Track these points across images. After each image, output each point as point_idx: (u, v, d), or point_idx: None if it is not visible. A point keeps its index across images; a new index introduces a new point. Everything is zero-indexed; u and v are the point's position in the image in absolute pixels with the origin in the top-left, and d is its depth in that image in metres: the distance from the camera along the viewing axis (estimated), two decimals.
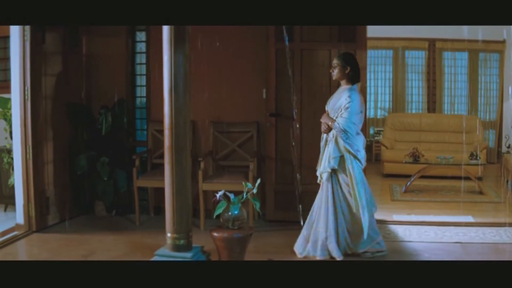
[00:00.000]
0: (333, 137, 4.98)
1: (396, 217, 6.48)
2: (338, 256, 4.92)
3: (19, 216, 6.01)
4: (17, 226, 6.01)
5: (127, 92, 6.63)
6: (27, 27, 5.71)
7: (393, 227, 6.08)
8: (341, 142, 4.92)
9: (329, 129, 5.01)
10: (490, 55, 9.80)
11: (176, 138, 4.57)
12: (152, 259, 4.67)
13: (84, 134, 6.52)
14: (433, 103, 10.00)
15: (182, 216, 4.65)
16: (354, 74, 5.05)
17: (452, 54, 9.93)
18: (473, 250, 5.33)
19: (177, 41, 4.58)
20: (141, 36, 6.68)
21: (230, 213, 4.79)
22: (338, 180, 5.00)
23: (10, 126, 6.64)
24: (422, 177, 8.02)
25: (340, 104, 4.97)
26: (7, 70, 7.19)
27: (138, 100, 6.75)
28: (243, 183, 4.95)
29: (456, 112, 10.00)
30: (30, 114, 5.80)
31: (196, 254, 4.69)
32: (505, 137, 8.98)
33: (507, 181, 8.16)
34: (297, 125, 6.03)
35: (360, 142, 4.97)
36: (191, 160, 4.77)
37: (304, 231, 5.17)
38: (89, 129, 6.48)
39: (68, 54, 6.37)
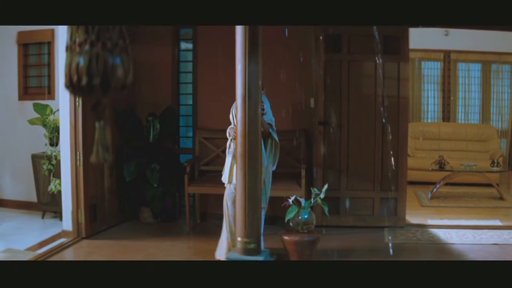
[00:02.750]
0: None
1: (430, 222, 6.71)
2: None
3: (67, 223, 6.04)
4: (64, 233, 6.04)
5: (173, 100, 6.74)
6: None
7: (433, 231, 6.31)
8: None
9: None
10: (502, 66, 10.16)
11: (249, 145, 4.72)
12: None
13: (131, 141, 6.59)
14: (447, 113, 10.31)
15: (253, 221, 4.79)
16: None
17: (466, 65, 10.26)
18: (511, 250, 5.59)
19: (251, 51, 4.70)
20: (187, 45, 6.81)
21: (300, 217, 4.95)
22: None
23: (50, 133, 6.69)
24: (445, 184, 8.29)
25: None
26: (42, 76, 7.24)
27: (182, 108, 6.86)
28: (311, 188, 5.13)
29: (469, 121, 10.35)
30: (81, 121, 5.88)
31: (266, 257, 4.85)
32: None
33: None
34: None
35: None
36: None
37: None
38: (136, 136, 6.56)
39: None
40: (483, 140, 9.61)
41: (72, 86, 2.05)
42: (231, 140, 5.15)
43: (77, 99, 5.81)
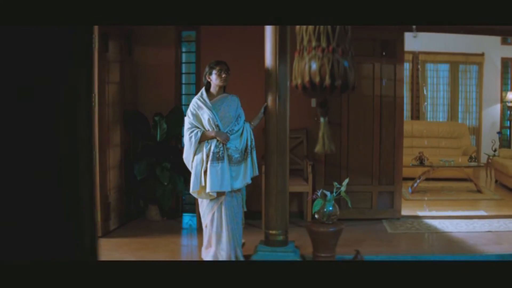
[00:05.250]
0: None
1: (420, 213, 7.43)
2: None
3: None
4: None
5: (176, 100, 7.17)
6: (94, 35, 6.13)
7: (427, 221, 7.02)
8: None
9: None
10: (469, 66, 11.11)
11: (279, 142, 5.26)
12: (254, 255, 5.30)
13: (140, 141, 6.97)
14: (416, 111, 11.16)
15: (282, 214, 5.34)
16: None
17: (434, 66, 11.17)
18: (504, 237, 6.34)
19: (281, 53, 5.21)
20: (189, 46, 7.25)
21: (325, 210, 5.51)
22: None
23: None
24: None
25: (239, 112, 5.14)
26: None
27: (185, 108, 7.27)
28: (334, 183, 5.70)
29: (437, 119, 11.24)
30: (97, 121, 6.20)
31: (293, 249, 5.41)
32: (492, 141, 10.29)
33: (496, 181, 9.49)
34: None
35: None
36: None
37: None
38: (144, 136, 6.94)
39: (124, 63, 6.81)
40: (455, 137, 10.50)
41: (313, 86, 2.52)
42: (222, 145, 4.96)
43: (93, 99, 6.14)
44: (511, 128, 10.92)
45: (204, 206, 5.08)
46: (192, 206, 7.12)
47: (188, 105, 7.22)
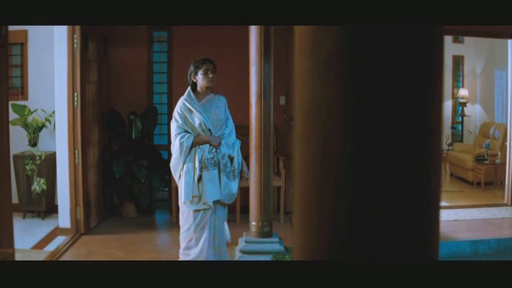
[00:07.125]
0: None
1: None
2: None
3: (64, 220, 6.60)
4: (60, 230, 6.60)
5: (148, 99, 7.57)
6: (76, 35, 6.42)
7: None
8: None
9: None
10: None
11: (264, 138, 5.76)
12: (241, 246, 5.76)
13: (116, 139, 7.35)
14: None
15: (267, 207, 5.86)
16: None
17: None
18: (472, 225, 7.07)
19: (266, 53, 5.72)
20: (161, 46, 7.67)
21: None
22: None
23: (32, 133, 7.23)
24: None
25: (227, 114, 5.05)
26: (13, 77, 7.71)
27: (157, 107, 7.67)
28: None
29: None
30: (79, 120, 6.54)
31: (277, 239, 5.92)
32: (446, 136, 11.09)
33: (452, 174, 10.30)
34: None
35: None
36: None
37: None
38: (120, 135, 7.32)
39: (101, 63, 7.17)
40: None
41: None
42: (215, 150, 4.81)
43: (75, 99, 6.49)
44: (463, 124, 11.77)
45: (190, 218, 4.80)
46: (164, 203, 7.57)
47: (160, 104, 7.69)
